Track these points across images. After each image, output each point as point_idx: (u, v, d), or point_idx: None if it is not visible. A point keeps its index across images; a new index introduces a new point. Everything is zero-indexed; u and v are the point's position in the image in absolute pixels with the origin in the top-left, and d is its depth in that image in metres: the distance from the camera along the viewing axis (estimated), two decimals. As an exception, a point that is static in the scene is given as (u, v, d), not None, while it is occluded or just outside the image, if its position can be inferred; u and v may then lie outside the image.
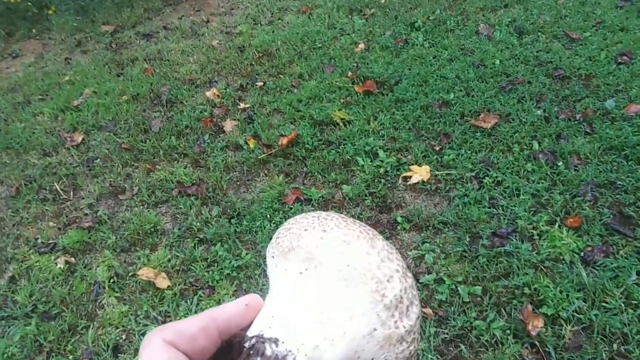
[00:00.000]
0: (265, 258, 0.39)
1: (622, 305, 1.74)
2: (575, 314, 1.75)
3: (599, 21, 3.16)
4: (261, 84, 3.31)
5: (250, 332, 0.35)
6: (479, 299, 1.85)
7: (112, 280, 2.20)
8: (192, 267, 2.18)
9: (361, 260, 0.36)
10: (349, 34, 3.64)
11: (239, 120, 3.02)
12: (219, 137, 2.93)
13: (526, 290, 1.84)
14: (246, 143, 2.81)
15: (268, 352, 0.32)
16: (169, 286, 2.12)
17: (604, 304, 1.76)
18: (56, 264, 2.34)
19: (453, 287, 1.90)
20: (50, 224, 2.58)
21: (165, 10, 4.94)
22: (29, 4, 5.07)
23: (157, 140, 2.96)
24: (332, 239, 0.37)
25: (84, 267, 2.30)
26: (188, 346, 0.33)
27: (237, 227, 2.32)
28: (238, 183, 2.61)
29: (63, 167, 2.92)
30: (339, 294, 0.35)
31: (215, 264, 2.18)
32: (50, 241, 2.47)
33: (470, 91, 2.82)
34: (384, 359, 0.36)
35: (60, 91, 3.73)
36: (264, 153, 2.71)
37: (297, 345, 0.33)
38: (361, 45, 3.44)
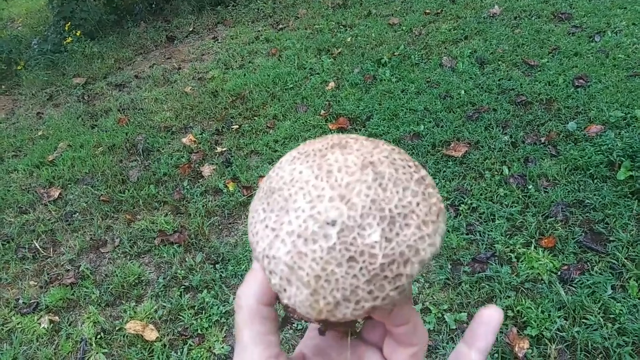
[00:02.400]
0: None
1: (601, 320, 1.80)
2: (558, 332, 1.81)
3: (554, 48, 3.34)
4: (236, 127, 3.37)
5: None
6: (465, 325, 1.90)
7: (99, 336, 2.17)
8: (179, 316, 2.18)
9: None
10: (318, 74, 3.74)
11: (216, 164, 3.06)
12: (198, 182, 2.96)
13: (510, 313, 1.89)
14: (225, 186, 2.85)
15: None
16: (157, 337, 2.11)
17: (584, 320, 1.82)
18: (40, 323, 2.31)
19: (440, 315, 1.95)
20: (31, 283, 2.54)
21: (136, 60, 5.00)
22: (-2, 61, 5.09)
23: (136, 190, 2.97)
24: None
25: (69, 325, 2.27)
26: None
27: (222, 272, 2.33)
28: (220, 227, 2.63)
29: (41, 224, 2.90)
30: None
31: (203, 312, 2.18)
32: (32, 301, 2.43)
33: (439, 122, 2.92)
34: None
35: (34, 146, 3.73)
36: (244, 195, 2.75)
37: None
38: (331, 84, 3.55)
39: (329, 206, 0.32)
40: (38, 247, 2.74)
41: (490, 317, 0.37)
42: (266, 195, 0.35)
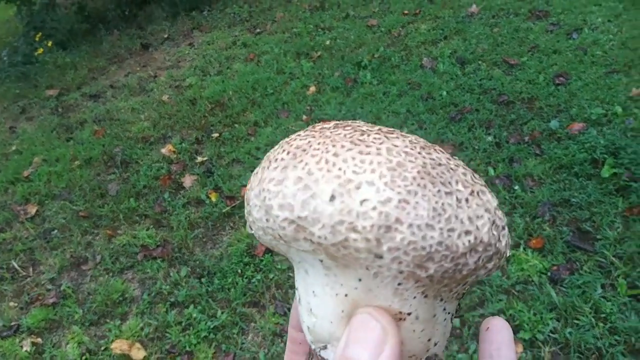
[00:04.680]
0: None
1: (593, 320, 1.80)
2: (551, 334, 1.80)
3: (533, 46, 3.35)
4: (217, 135, 3.31)
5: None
6: (458, 331, 1.88)
7: (84, 358, 2.11)
8: (167, 334, 2.12)
9: None
10: (298, 78, 3.70)
11: (198, 174, 3.00)
12: (179, 193, 2.90)
13: (502, 316, 1.87)
14: (208, 197, 2.79)
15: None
16: (145, 357, 2.05)
17: (576, 321, 1.82)
18: (22, 346, 2.23)
19: (432, 322, 1.92)
20: (11, 304, 2.46)
21: (110, 69, 4.90)
22: (-33, 74, 4.93)
23: (116, 204, 2.89)
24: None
25: (53, 347, 2.20)
26: None
27: (208, 286, 2.28)
28: (204, 239, 2.58)
29: (19, 242, 2.81)
30: None
31: (191, 327, 2.12)
32: (12, 323, 2.35)
33: (422, 124, 2.91)
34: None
35: (8, 162, 3.62)
36: (227, 205, 2.69)
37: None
38: (312, 88, 3.51)
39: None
40: (17, 266, 2.65)
41: (500, 327, 0.36)
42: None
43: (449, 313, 0.33)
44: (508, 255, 0.33)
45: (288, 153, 0.32)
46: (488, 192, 0.32)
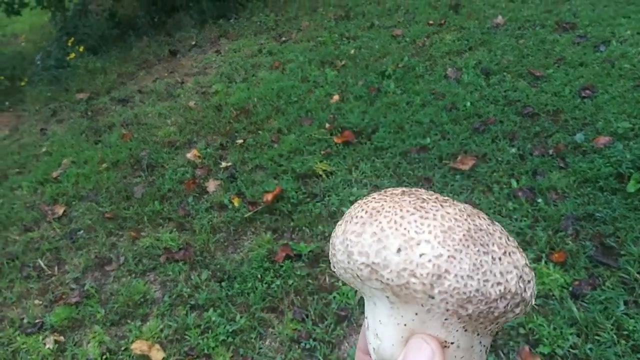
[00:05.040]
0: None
1: (615, 337, 1.77)
2: (570, 350, 1.77)
3: (559, 58, 3.32)
4: (241, 141, 3.36)
5: None
6: (476, 343, 1.86)
7: (104, 357, 2.15)
8: (186, 336, 2.15)
9: None
10: (322, 86, 3.73)
11: (221, 179, 3.04)
12: (203, 198, 2.94)
13: (521, 330, 1.86)
14: (231, 202, 2.83)
15: None
16: (164, 358, 2.08)
17: (597, 337, 1.79)
18: (45, 344, 2.28)
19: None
20: (36, 302, 2.52)
21: (139, 74, 5.01)
22: (1, 77, 5.09)
23: (141, 207, 2.95)
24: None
25: (75, 345, 2.25)
26: None
27: (228, 290, 2.30)
28: (225, 244, 2.61)
29: (46, 242, 2.88)
30: None
31: (210, 331, 2.15)
32: (37, 320, 2.41)
33: (445, 134, 2.90)
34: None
35: (38, 163, 3.72)
36: (249, 211, 2.72)
37: None
38: (336, 97, 3.54)
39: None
40: (43, 265, 2.73)
41: None
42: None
43: (484, 346, 0.41)
44: (533, 303, 0.41)
45: (366, 212, 0.40)
46: (518, 252, 0.40)
